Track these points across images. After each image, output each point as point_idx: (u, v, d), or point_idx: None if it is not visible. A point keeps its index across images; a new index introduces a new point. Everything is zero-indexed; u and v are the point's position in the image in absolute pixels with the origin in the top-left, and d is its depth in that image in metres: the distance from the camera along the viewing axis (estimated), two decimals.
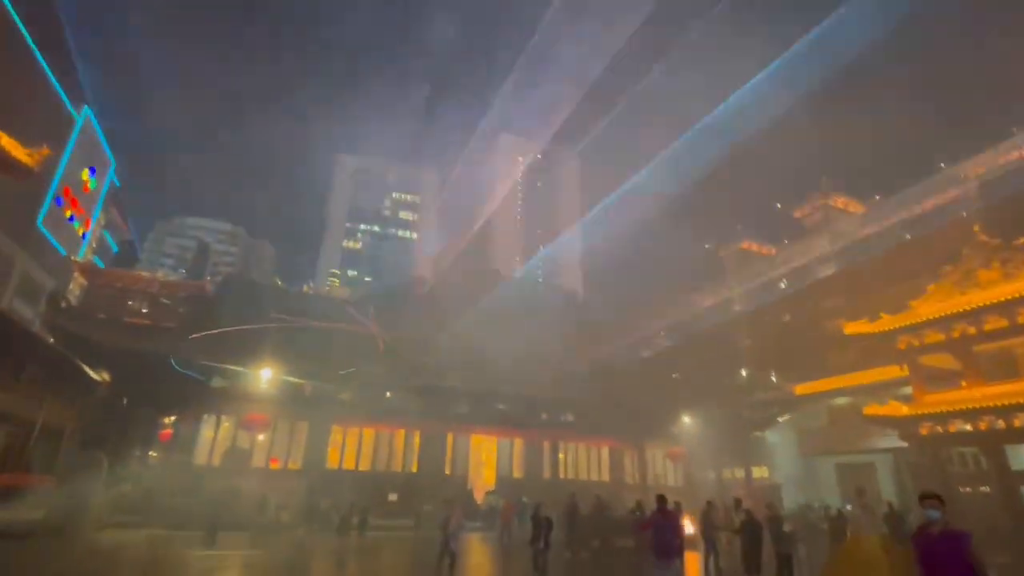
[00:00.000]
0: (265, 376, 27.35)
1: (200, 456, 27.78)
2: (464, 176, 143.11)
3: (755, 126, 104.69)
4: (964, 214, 42.23)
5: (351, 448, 31.07)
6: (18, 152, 17.35)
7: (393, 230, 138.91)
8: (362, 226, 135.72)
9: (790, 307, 53.35)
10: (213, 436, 28.55)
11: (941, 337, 28.89)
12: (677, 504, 14.47)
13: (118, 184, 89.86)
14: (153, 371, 27.45)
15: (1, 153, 17.36)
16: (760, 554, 13.39)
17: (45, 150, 18.15)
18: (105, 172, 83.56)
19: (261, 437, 29.39)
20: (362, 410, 30.64)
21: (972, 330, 27.69)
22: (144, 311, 45.01)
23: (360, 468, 30.69)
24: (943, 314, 28.47)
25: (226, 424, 28.92)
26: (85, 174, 76.68)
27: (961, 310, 27.77)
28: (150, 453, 28.58)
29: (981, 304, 27.01)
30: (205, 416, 28.27)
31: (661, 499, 9.38)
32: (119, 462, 26.72)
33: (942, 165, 48.88)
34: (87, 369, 26.74)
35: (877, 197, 54.49)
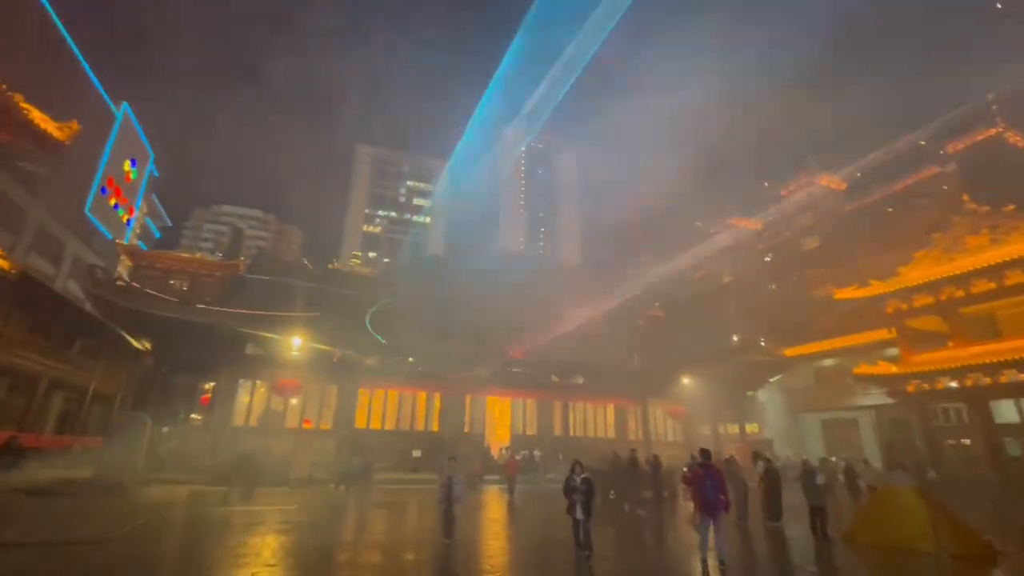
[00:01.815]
0: (296, 344, 26.22)
1: (238, 418, 26.90)
2: (472, 163, 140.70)
3: (743, 108, 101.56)
4: (944, 187, 40.48)
5: (377, 409, 30.18)
6: (48, 126, 15.98)
7: (408, 215, 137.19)
8: (380, 212, 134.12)
9: (777, 277, 51.91)
10: (249, 400, 27.63)
11: (930, 300, 27.53)
12: (731, 459, 13.31)
13: (157, 174, 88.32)
14: (192, 340, 26.42)
15: (32, 127, 15.99)
16: (780, 501, 12.33)
17: (75, 125, 16.75)
18: (145, 163, 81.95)
19: (294, 400, 28.47)
20: (385, 374, 29.67)
21: (960, 293, 26.31)
22: (184, 288, 43.92)
23: (386, 427, 29.85)
24: (932, 278, 27.07)
25: (261, 388, 27.98)
26: (127, 165, 75.13)
27: (950, 274, 26.38)
28: (191, 416, 27.70)
29: (970, 268, 25.59)
30: (241, 381, 27.31)
31: (704, 453, 8.17)
32: (162, 424, 25.92)
33: (921, 143, 46.80)
34: (130, 339, 25.83)
35: (858, 175, 52.55)
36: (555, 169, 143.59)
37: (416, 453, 29.13)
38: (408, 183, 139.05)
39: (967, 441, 26.65)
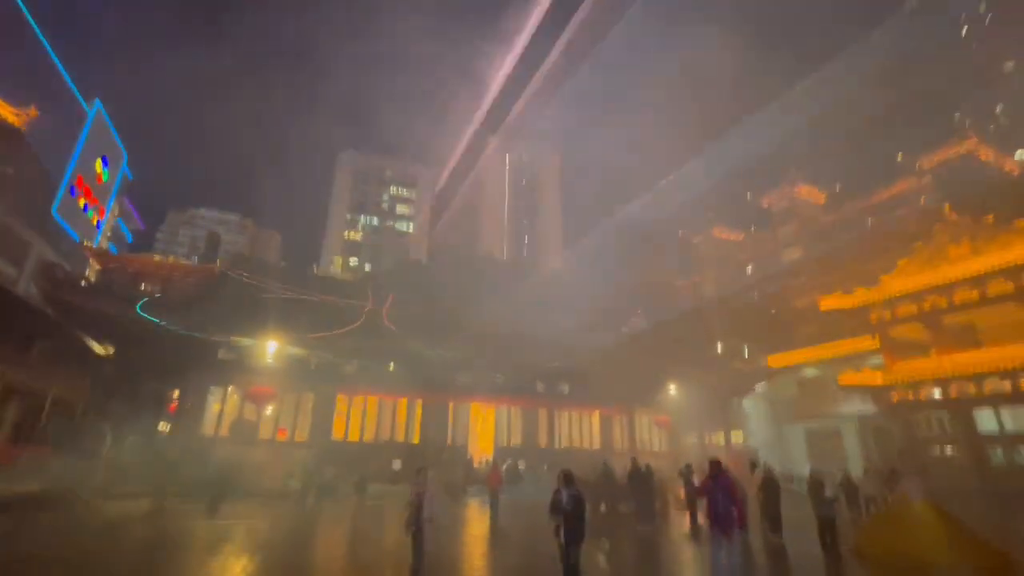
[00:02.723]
0: (271, 349, 24.99)
1: (207, 427, 25.44)
2: (456, 171, 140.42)
3: (726, 122, 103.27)
4: (922, 200, 41.26)
5: (356, 419, 28.92)
6: (4, 111, 14.76)
7: (391, 222, 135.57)
8: (361, 218, 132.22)
9: (759, 286, 52.24)
10: (220, 408, 26.19)
11: (913, 309, 27.63)
12: (767, 468, 12.44)
13: (131, 176, 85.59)
14: (160, 344, 24.99)
15: None
16: (779, 511, 11.68)
17: (33, 111, 15.58)
18: (118, 164, 79.35)
19: (268, 409, 27.11)
20: (365, 381, 28.51)
21: (943, 302, 26.43)
22: (156, 292, 42.05)
23: (365, 439, 28.60)
24: (916, 288, 27.19)
25: (233, 396, 26.57)
26: (98, 165, 72.55)
27: (934, 284, 26.51)
28: (158, 425, 26.12)
29: (953, 278, 25.74)
30: (212, 388, 25.87)
31: (715, 464, 7.49)
32: (126, 433, 24.34)
33: (899, 158, 47.81)
34: (92, 343, 24.25)
35: (837, 187, 53.45)
36: (538, 177, 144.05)
37: (396, 464, 27.93)
38: (391, 189, 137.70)
39: (950, 451, 26.62)
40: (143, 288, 48.47)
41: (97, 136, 70.93)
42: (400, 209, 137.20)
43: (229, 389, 26.67)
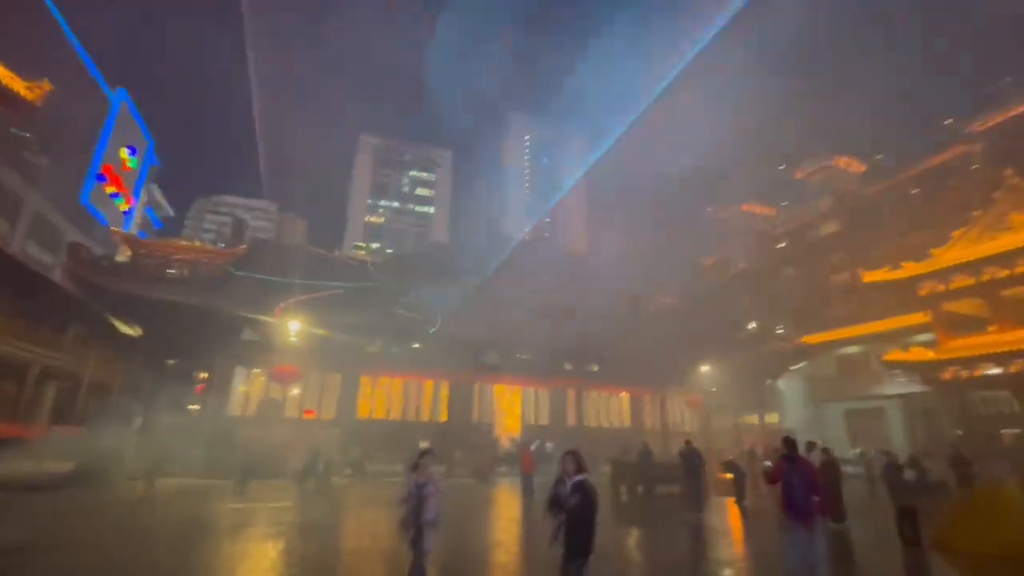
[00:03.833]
0: (294, 329, 24.66)
1: (234, 408, 25.44)
2: (477, 153, 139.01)
3: (754, 89, 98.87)
4: (974, 167, 38.41)
5: (381, 398, 28.65)
6: (16, 84, 14.34)
7: (411, 205, 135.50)
8: (382, 202, 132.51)
9: (793, 263, 49.99)
10: (246, 388, 26.15)
11: (970, 281, 25.63)
12: (825, 449, 11.20)
13: (158, 163, 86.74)
14: (186, 325, 24.91)
15: None
16: (841, 498, 10.58)
17: (46, 85, 15.10)
18: (144, 152, 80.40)
19: (294, 389, 26.98)
20: (390, 361, 28.11)
21: (1004, 273, 24.40)
22: (184, 275, 42.46)
23: (391, 417, 28.33)
24: (973, 258, 25.18)
25: (259, 376, 26.48)
26: (124, 153, 73.52)
27: (993, 253, 24.49)
28: (188, 406, 26.26)
29: (1016, 246, 23.70)
30: (238, 369, 25.80)
31: (789, 443, 6.49)
32: (157, 414, 24.51)
33: (947, 122, 44.58)
34: (117, 323, 24.32)
35: (879, 156, 50.44)
36: (561, 156, 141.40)
37: (423, 444, 27.61)
38: (411, 173, 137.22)
39: (1014, 431, 24.86)
40: (171, 272, 49.07)
41: (122, 125, 71.71)
42: (421, 192, 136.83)
43: (254, 370, 26.58)
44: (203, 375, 26.49)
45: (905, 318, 31.09)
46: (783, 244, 53.72)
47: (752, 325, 41.48)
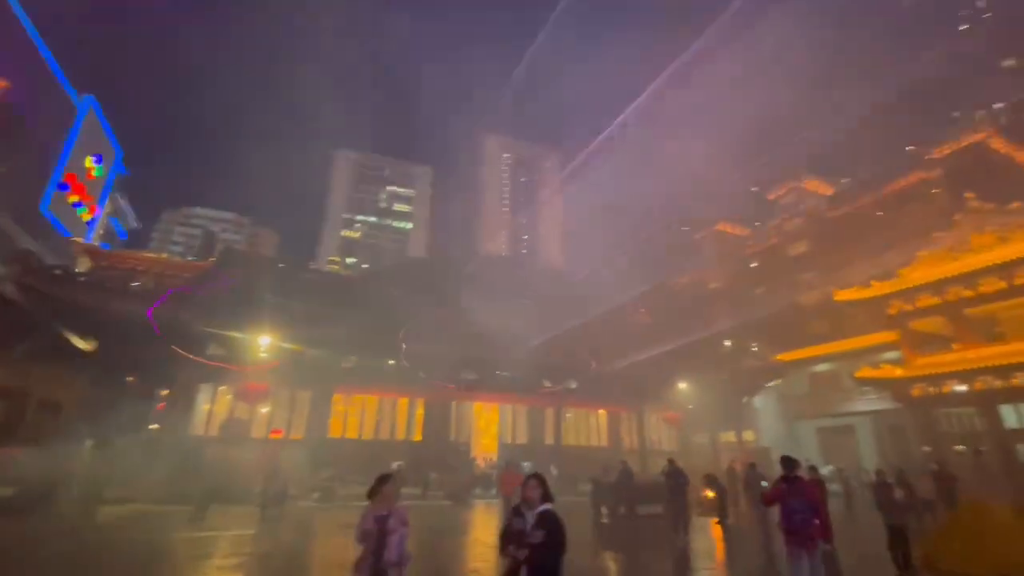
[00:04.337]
0: (264, 343, 23.61)
1: (196, 427, 24.08)
2: (457, 170, 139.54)
3: (733, 113, 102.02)
4: (934, 191, 40.07)
5: (354, 417, 27.59)
6: None
7: (389, 221, 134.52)
8: (359, 217, 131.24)
9: (765, 281, 51.05)
10: (210, 406, 24.82)
11: (934, 301, 26.42)
12: (812, 467, 11.14)
13: (126, 173, 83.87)
14: (147, 339, 23.57)
15: None
16: (829, 519, 10.36)
17: (2, 83, 14.19)
18: (111, 161, 77.75)
19: (261, 407, 25.74)
20: (364, 378, 27.17)
21: (967, 293, 25.23)
22: (148, 287, 40.54)
23: (364, 437, 27.27)
24: (938, 278, 26.00)
25: (225, 394, 25.20)
26: (90, 162, 70.91)
27: (957, 273, 25.33)
28: (144, 425, 24.72)
29: (978, 267, 24.57)
30: (201, 386, 24.50)
31: (787, 463, 6.21)
32: (112, 434, 22.95)
33: (909, 148, 46.65)
34: (73, 338, 22.89)
35: (844, 180, 52.35)
36: (539, 174, 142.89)
37: (394, 465, 26.59)
38: (389, 188, 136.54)
39: (979, 448, 25.40)
40: (134, 285, 46.92)
41: (89, 132, 69.29)
42: (399, 207, 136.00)
43: (220, 387, 25.31)
44: (164, 392, 25.05)
45: (875, 336, 31.83)
46: (755, 263, 54.96)
47: (727, 343, 41.95)
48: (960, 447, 25.57)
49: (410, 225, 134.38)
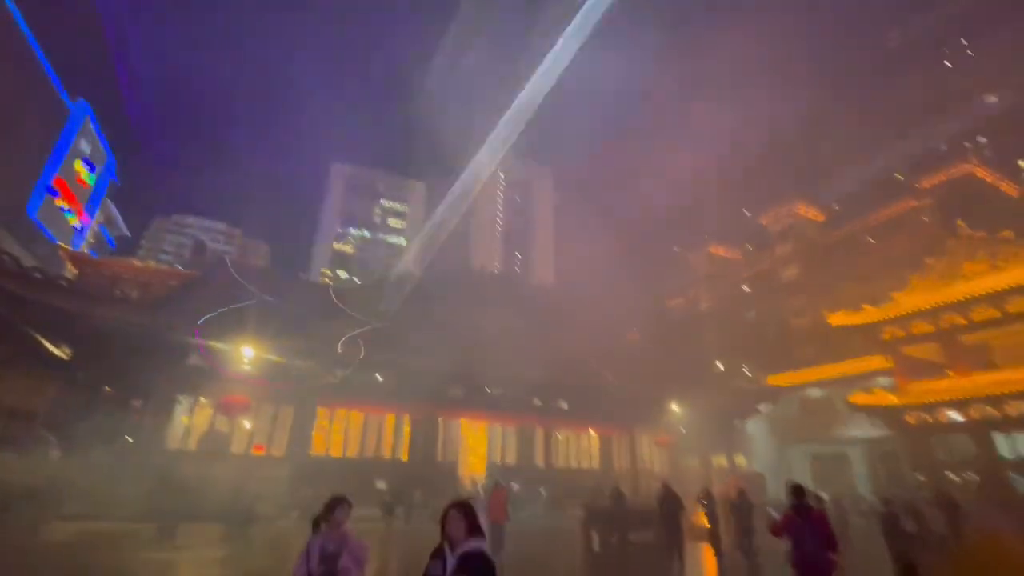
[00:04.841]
0: (248, 355, 22.89)
1: (173, 440, 23.12)
2: (450, 186, 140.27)
3: (727, 136, 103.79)
4: (924, 219, 40.58)
5: (337, 433, 26.71)
6: None
7: (382, 235, 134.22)
8: (352, 230, 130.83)
9: (757, 305, 51.10)
10: (189, 419, 23.90)
11: (929, 327, 26.36)
12: (819, 497, 10.47)
13: (117, 182, 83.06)
14: (126, 348, 22.78)
15: None
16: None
17: None
18: (104, 168, 77.06)
19: (247, 424, 24.85)
20: (350, 393, 26.38)
21: (961, 320, 25.20)
22: (132, 295, 39.63)
23: (348, 454, 26.37)
24: (932, 304, 25.97)
25: (204, 406, 24.30)
26: (81, 167, 70.23)
27: (951, 300, 25.31)
28: (118, 436, 23.71)
29: (972, 294, 24.58)
30: (180, 397, 23.61)
31: (798, 492, 5.78)
32: (84, 445, 21.97)
33: (898, 176, 47.40)
34: (46, 343, 22.04)
35: (836, 207, 52.98)
36: (532, 193, 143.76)
37: (380, 484, 25.70)
38: (383, 203, 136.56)
39: (973, 476, 25.07)
40: (118, 292, 45.85)
41: (82, 138, 68.76)
42: (392, 223, 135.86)
43: (201, 399, 24.44)
44: (141, 403, 24.10)
45: (867, 361, 31.71)
46: (747, 287, 55.10)
47: (720, 365, 41.65)
48: (954, 476, 25.21)
49: (403, 240, 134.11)
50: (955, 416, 24.81)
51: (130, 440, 23.75)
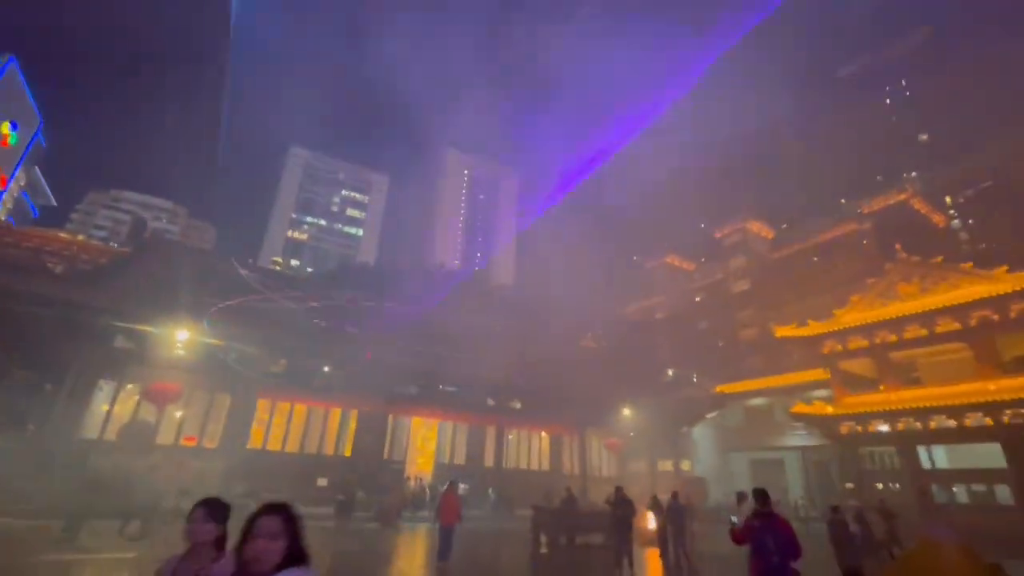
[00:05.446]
0: (182, 338, 21.21)
1: (89, 429, 21.11)
2: (413, 182, 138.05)
3: (690, 147, 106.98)
4: (865, 242, 43.12)
5: (278, 427, 25.25)
6: None
7: (340, 225, 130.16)
8: (308, 218, 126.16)
9: (708, 316, 52.75)
10: (110, 406, 21.90)
11: (864, 343, 27.81)
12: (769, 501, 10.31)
13: (44, 144, 76.34)
14: (43, 326, 20.59)
15: None
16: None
17: None
18: (31, 129, 70.71)
19: (174, 411, 23.02)
20: (294, 385, 25.01)
21: (892, 338, 26.72)
22: (55, 269, 36.20)
23: (288, 449, 24.96)
24: (867, 321, 27.41)
25: (129, 392, 22.35)
26: (5, 127, 64.13)
27: (884, 318, 26.80)
28: (26, 422, 21.44)
29: (903, 314, 26.10)
30: (101, 382, 21.60)
31: (761, 498, 5.57)
32: None
33: (842, 201, 50.17)
34: None
35: (784, 225, 55.49)
36: (497, 192, 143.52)
37: (322, 481, 24.47)
38: (343, 192, 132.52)
39: (895, 486, 26.58)
40: (40, 267, 42.05)
41: (7, 95, 62.78)
42: (352, 213, 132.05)
43: (127, 385, 22.47)
44: (51, 387, 21.88)
45: (809, 374, 33.12)
46: (700, 298, 56.84)
47: (671, 372, 42.56)
48: (879, 484, 26.66)
49: (361, 232, 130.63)
50: (883, 428, 26.22)
51: (36, 427, 21.52)
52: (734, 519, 5.75)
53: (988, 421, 22.48)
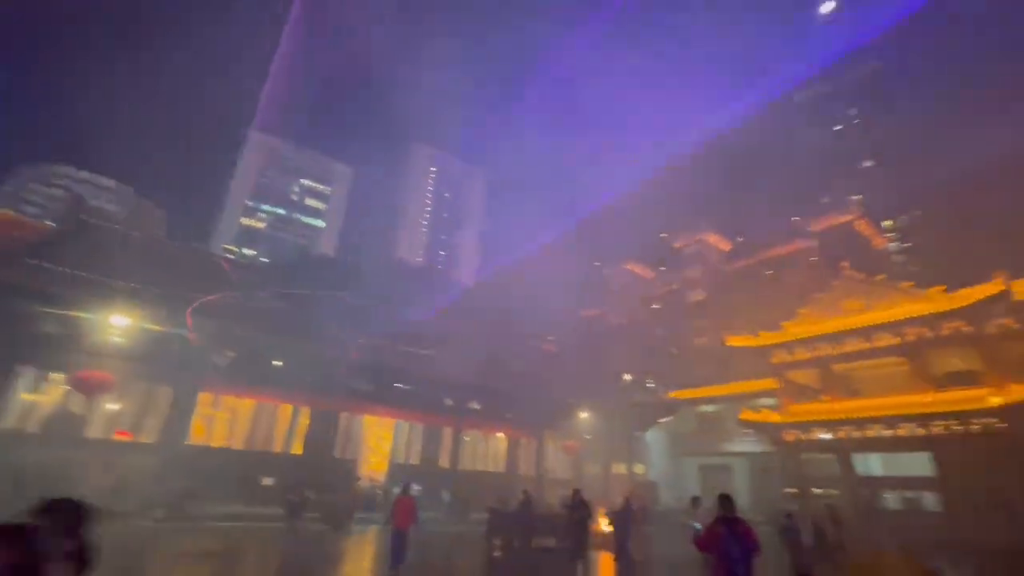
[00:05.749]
0: (119, 324, 19.73)
1: (10, 420, 19.31)
2: (379, 176, 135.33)
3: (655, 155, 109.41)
4: (813, 259, 45.32)
5: (222, 422, 23.92)
6: None
7: (299, 215, 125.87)
8: (265, 206, 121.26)
9: (664, 324, 54.08)
10: (33, 396, 20.11)
11: (809, 355, 29.12)
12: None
13: None
14: None
15: None
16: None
17: None
18: None
19: (105, 402, 21.37)
20: (241, 378, 23.75)
21: (835, 350, 28.10)
22: None
23: (232, 445, 23.67)
24: (812, 334, 28.73)
25: (55, 381, 20.60)
26: None
27: (828, 332, 28.16)
28: None
29: (844, 328, 27.50)
30: (26, 370, 19.81)
31: (726, 502, 5.50)
32: None
33: (794, 219, 52.53)
34: None
35: (739, 239, 57.64)
36: (463, 191, 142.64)
37: (267, 481, 23.34)
38: (304, 181, 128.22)
39: (833, 491, 27.82)
40: None
41: None
42: (311, 203, 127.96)
43: (53, 374, 20.70)
44: None
45: (758, 383, 34.36)
46: (657, 304, 58.22)
47: (627, 377, 43.27)
48: (818, 490, 27.92)
49: (322, 223, 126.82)
50: (825, 436, 27.50)
51: None
52: (697, 525, 5.66)
53: (920, 431, 23.90)
